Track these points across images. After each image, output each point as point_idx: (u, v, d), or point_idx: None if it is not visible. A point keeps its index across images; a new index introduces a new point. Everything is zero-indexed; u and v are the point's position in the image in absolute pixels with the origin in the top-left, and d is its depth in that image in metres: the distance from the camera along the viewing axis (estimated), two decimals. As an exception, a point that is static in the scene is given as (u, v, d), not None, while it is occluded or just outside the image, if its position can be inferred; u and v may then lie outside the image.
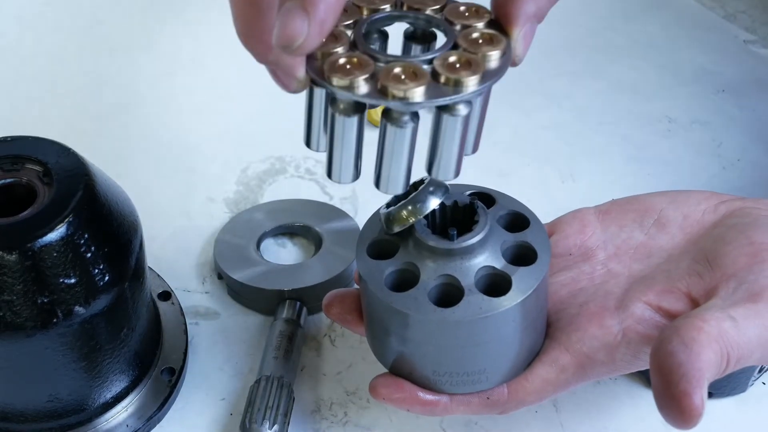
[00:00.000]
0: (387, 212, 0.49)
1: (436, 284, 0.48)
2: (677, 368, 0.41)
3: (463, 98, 0.42)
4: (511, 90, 0.84)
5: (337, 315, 0.53)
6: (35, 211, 0.50)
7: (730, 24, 0.93)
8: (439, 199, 0.49)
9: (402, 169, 0.45)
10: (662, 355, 0.42)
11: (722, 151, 0.78)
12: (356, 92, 0.41)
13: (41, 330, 0.49)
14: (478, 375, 0.49)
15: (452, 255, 0.48)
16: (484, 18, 0.45)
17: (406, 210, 0.48)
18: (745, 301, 0.44)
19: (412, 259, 0.49)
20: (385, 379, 0.51)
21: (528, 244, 0.49)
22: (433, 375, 0.49)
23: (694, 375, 0.41)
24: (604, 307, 0.50)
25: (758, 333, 0.43)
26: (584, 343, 0.49)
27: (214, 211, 0.72)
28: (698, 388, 0.41)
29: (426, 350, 0.49)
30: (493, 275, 0.48)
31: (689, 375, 0.41)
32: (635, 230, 0.53)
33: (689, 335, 0.42)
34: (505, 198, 0.52)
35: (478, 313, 0.46)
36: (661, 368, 0.42)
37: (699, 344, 0.41)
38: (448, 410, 0.51)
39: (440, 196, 0.49)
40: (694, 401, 0.41)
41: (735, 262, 0.47)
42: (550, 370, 0.50)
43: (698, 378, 0.41)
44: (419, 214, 0.48)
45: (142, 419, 0.56)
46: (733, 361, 0.42)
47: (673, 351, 0.41)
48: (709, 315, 0.43)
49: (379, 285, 0.48)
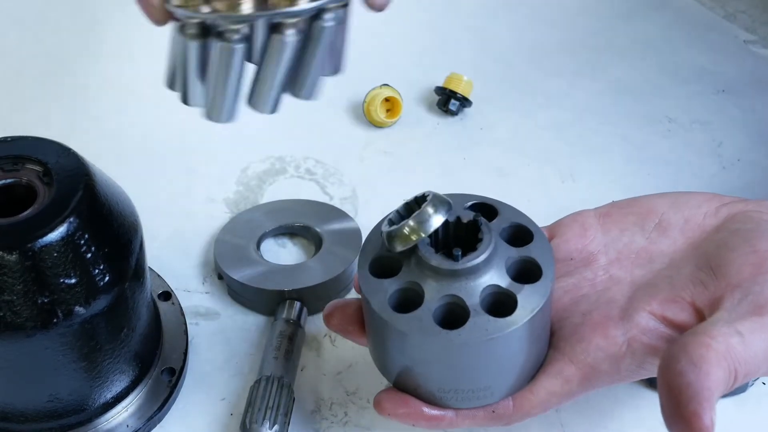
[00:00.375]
0: (389, 231, 0.48)
1: (441, 304, 0.47)
2: (686, 388, 0.41)
3: (294, 12, 0.42)
4: (511, 90, 0.84)
5: (338, 326, 0.53)
6: (35, 211, 0.50)
7: (730, 24, 0.93)
8: (443, 217, 0.47)
9: (228, 95, 0.44)
10: (671, 375, 0.42)
11: (722, 151, 0.78)
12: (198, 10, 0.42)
13: (41, 330, 0.49)
14: (484, 391, 0.49)
15: (457, 275, 0.47)
16: None
17: (409, 228, 0.47)
18: (751, 314, 0.44)
19: (416, 278, 0.48)
20: (389, 395, 0.50)
21: (533, 260, 0.48)
22: (438, 392, 0.49)
23: (704, 395, 0.41)
24: (608, 317, 0.49)
25: (764, 347, 0.43)
26: (589, 354, 0.49)
27: (214, 211, 0.72)
28: (708, 409, 0.41)
29: (431, 369, 0.48)
30: (499, 293, 0.47)
31: (699, 396, 0.41)
32: (636, 234, 0.53)
33: (697, 353, 0.42)
34: (506, 209, 0.51)
35: (484, 336, 0.46)
36: (670, 388, 0.42)
37: (708, 363, 0.41)
38: (453, 425, 0.51)
39: (444, 213, 0.47)
40: (704, 422, 0.40)
41: (739, 271, 0.47)
42: (554, 382, 0.49)
43: (708, 398, 0.41)
44: (423, 233, 0.47)
45: (143, 419, 0.56)
46: (741, 376, 0.42)
47: (682, 371, 0.41)
48: (717, 331, 0.43)
49: (383, 306, 0.47)
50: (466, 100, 0.80)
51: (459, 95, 0.79)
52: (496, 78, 0.85)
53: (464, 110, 0.81)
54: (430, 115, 0.81)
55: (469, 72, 0.80)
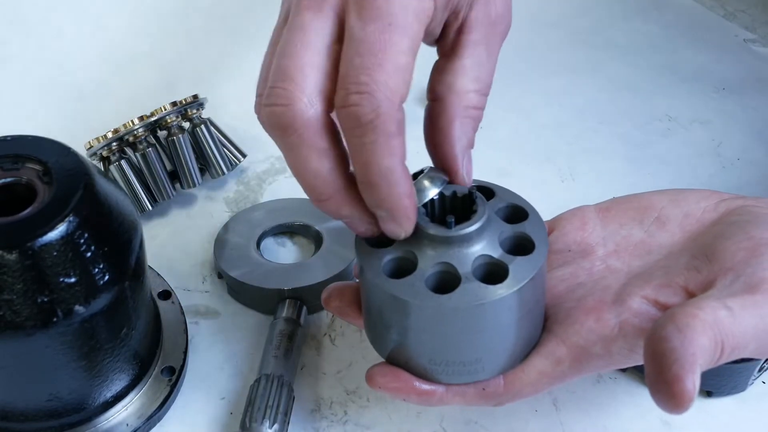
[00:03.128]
0: None
1: (434, 272, 0.48)
2: (670, 353, 0.41)
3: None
4: (511, 89, 0.84)
5: (336, 308, 0.53)
6: (35, 211, 0.50)
7: (730, 23, 0.93)
8: (438, 189, 0.49)
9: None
10: (656, 340, 0.42)
11: (722, 150, 0.78)
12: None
13: (41, 329, 0.49)
14: (474, 365, 0.49)
15: (450, 243, 0.48)
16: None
17: None
18: (743, 292, 0.44)
19: (411, 247, 0.49)
20: (381, 369, 0.51)
21: (526, 235, 0.49)
22: (430, 364, 0.50)
23: (687, 359, 0.41)
24: (601, 301, 0.50)
25: (754, 323, 0.43)
26: (581, 335, 0.49)
27: (214, 211, 0.72)
28: (690, 372, 0.41)
29: (422, 338, 0.49)
30: (491, 264, 0.48)
31: (682, 359, 0.41)
32: (635, 228, 0.53)
33: (683, 321, 0.42)
34: (504, 191, 0.52)
35: (474, 300, 0.46)
36: (654, 353, 0.42)
37: (693, 330, 0.41)
38: (443, 400, 0.51)
39: (439, 185, 0.49)
40: (686, 385, 0.40)
41: (733, 256, 0.47)
42: (546, 362, 0.50)
43: (691, 363, 0.41)
44: (417, 202, 0.48)
45: (142, 418, 0.56)
46: (728, 350, 0.42)
47: (667, 336, 0.41)
48: (705, 303, 0.43)
49: (377, 272, 0.48)
50: (465, 100, 0.80)
51: (459, 94, 0.79)
52: (496, 77, 0.85)
53: (464, 109, 0.81)
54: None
55: (468, 71, 0.80)
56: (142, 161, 0.69)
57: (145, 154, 0.69)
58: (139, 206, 0.69)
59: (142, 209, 0.69)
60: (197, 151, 0.71)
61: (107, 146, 0.68)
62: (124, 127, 0.68)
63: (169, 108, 0.69)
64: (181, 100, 0.70)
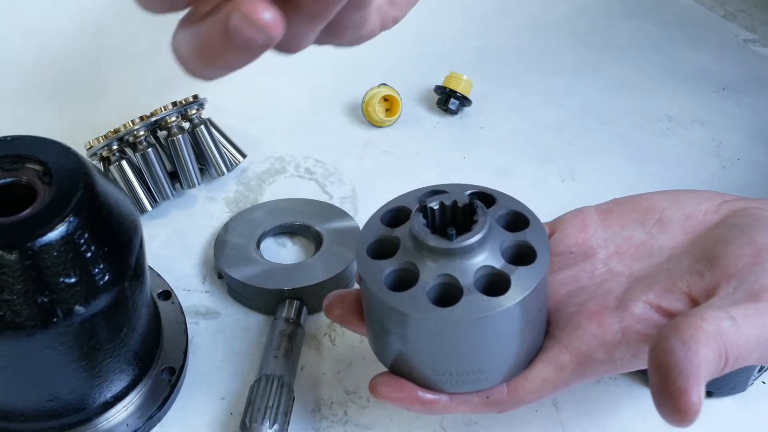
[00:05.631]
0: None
1: (436, 284, 0.48)
2: (675, 365, 0.41)
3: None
4: (510, 89, 0.84)
5: (338, 316, 0.53)
6: (35, 211, 0.50)
7: (729, 23, 0.93)
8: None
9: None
10: (660, 353, 0.42)
11: (722, 150, 0.78)
12: None
13: (41, 329, 0.49)
14: (478, 374, 0.49)
15: (451, 255, 0.48)
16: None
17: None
18: (745, 301, 0.44)
19: (412, 258, 0.49)
20: (385, 378, 0.51)
21: (527, 244, 0.49)
22: (433, 374, 0.49)
23: (692, 372, 0.41)
24: (603, 306, 0.49)
25: (757, 332, 0.43)
26: (583, 342, 0.49)
27: (214, 211, 0.72)
28: (696, 385, 0.41)
29: (425, 349, 0.49)
30: (493, 275, 0.48)
31: (687, 372, 0.41)
32: (637, 229, 0.53)
33: (688, 333, 0.42)
34: (504, 198, 0.52)
35: (476, 313, 0.46)
36: (659, 365, 0.42)
37: (697, 342, 0.41)
38: (447, 409, 0.51)
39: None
40: (692, 398, 0.40)
41: (736, 261, 0.47)
42: (549, 369, 0.49)
43: (696, 375, 0.41)
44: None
45: (142, 418, 0.56)
46: (732, 360, 0.42)
47: (672, 348, 0.41)
48: (709, 314, 0.43)
49: (379, 284, 0.48)
50: (465, 99, 0.80)
51: (459, 94, 0.79)
52: (496, 77, 0.85)
53: (464, 109, 0.81)
54: (430, 114, 0.81)
55: (468, 71, 0.80)
56: (142, 161, 0.69)
57: (145, 154, 0.69)
58: (139, 206, 0.69)
59: (142, 209, 0.69)
60: (197, 151, 0.71)
61: (107, 146, 0.69)
62: (124, 127, 0.68)
63: (169, 108, 0.69)
64: (181, 100, 0.70)
